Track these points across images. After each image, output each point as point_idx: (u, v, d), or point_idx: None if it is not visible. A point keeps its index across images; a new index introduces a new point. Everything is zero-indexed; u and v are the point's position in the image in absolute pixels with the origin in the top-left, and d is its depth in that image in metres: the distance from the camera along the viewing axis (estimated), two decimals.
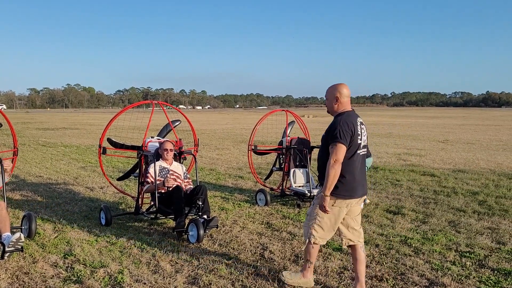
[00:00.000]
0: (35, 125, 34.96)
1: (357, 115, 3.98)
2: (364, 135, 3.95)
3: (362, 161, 3.94)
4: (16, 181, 9.62)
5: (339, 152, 3.69)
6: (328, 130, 3.84)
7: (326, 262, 4.84)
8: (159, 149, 6.30)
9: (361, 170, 3.92)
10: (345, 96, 3.90)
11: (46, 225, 6.10)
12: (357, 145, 3.82)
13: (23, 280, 4.20)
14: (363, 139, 3.91)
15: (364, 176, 3.99)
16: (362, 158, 3.93)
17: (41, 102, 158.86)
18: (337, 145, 3.70)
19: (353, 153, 3.81)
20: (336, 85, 3.96)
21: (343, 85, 3.94)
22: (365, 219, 6.62)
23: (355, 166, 3.84)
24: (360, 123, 3.90)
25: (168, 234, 5.75)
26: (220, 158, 14.22)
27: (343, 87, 3.92)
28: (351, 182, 3.83)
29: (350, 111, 3.91)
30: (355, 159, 3.83)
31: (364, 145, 3.94)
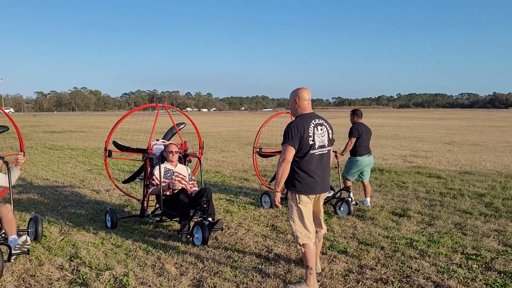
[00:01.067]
0: (42, 128, 35.20)
1: (315, 117, 4.20)
2: (321, 135, 4.16)
3: (320, 160, 4.17)
4: (23, 183, 9.69)
5: (287, 152, 4.00)
6: (284, 131, 4.10)
7: (331, 264, 4.82)
8: (164, 152, 6.32)
9: (319, 168, 4.16)
10: (304, 99, 4.17)
11: (53, 227, 6.14)
12: (309, 145, 4.06)
13: (29, 282, 4.22)
14: (318, 139, 4.13)
15: (324, 174, 4.23)
16: (319, 157, 4.15)
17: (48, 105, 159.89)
18: (286, 146, 4.00)
19: (306, 153, 4.06)
20: (296, 89, 4.23)
21: (303, 89, 4.22)
22: (371, 222, 6.60)
23: (311, 164, 4.10)
24: (316, 125, 4.13)
25: (173, 237, 5.76)
26: (225, 160, 14.24)
27: (303, 91, 4.19)
28: (308, 179, 4.11)
29: (306, 114, 4.17)
30: (309, 158, 4.08)
31: (320, 145, 4.15)
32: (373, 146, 18.73)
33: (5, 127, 6.06)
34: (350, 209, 7.01)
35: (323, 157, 4.21)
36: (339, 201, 7.16)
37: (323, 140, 4.18)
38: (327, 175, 4.29)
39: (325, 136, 4.21)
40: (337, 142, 20.97)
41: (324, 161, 4.22)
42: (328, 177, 4.32)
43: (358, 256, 5.08)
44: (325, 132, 4.22)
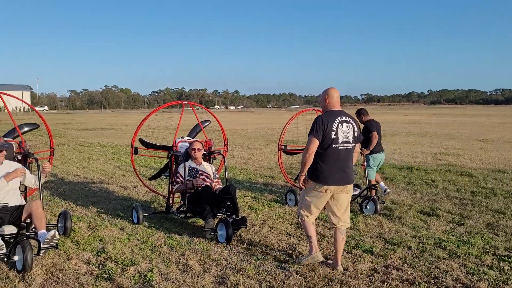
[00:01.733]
0: (75, 125, 36.16)
1: (342, 114, 4.49)
2: (346, 131, 4.46)
3: (343, 155, 4.47)
4: (55, 179, 9.98)
5: (311, 143, 4.37)
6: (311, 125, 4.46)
7: (356, 264, 4.74)
8: (189, 149, 6.37)
9: (341, 162, 4.47)
10: (333, 97, 4.53)
11: (81, 223, 6.28)
12: (331, 139, 4.37)
13: (57, 276, 4.33)
14: (341, 135, 4.43)
15: (345, 168, 4.52)
16: (343, 152, 4.46)
17: (80, 103, 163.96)
18: (310, 137, 4.38)
19: (328, 146, 4.38)
20: (327, 89, 4.60)
21: (332, 88, 4.60)
22: (398, 221, 6.46)
23: (332, 157, 4.42)
24: (341, 121, 4.44)
25: (197, 234, 5.80)
26: (251, 157, 14.26)
27: (332, 90, 4.57)
28: (326, 171, 4.43)
29: (334, 110, 4.50)
30: (331, 151, 4.41)
31: (344, 141, 4.46)
32: (402, 144, 18.46)
33: (35, 125, 6.23)
34: (377, 207, 6.88)
35: (347, 152, 4.50)
36: (365, 200, 7.04)
37: (347, 136, 4.46)
38: (348, 170, 4.54)
39: (350, 133, 4.48)
40: None
41: (347, 156, 4.51)
42: (349, 172, 4.55)
43: (384, 256, 4.98)
44: (351, 129, 4.49)
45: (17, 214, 4.86)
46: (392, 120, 42.24)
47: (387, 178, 10.14)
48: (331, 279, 4.34)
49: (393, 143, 19.13)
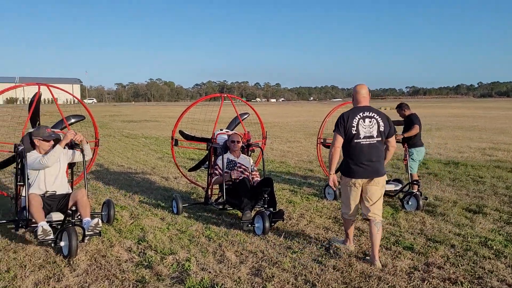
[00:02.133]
0: (121, 117, 37.34)
1: (366, 110, 4.67)
2: (369, 127, 4.63)
3: (367, 149, 4.62)
4: (100, 170, 10.36)
5: (335, 139, 4.64)
6: None
7: (395, 261, 4.63)
8: (227, 141, 6.42)
9: (366, 156, 4.62)
10: (359, 93, 4.73)
11: (124, 212, 6.49)
12: (352, 135, 4.58)
13: (100, 262, 4.51)
14: (363, 130, 4.61)
15: (371, 161, 4.64)
16: (366, 146, 4.62)
17: (126, 96, 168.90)
18: (334, 134, 4.65)
19: (350, 141, 4.61)
20: (355, 86, 4.82)
21: (360, 85, 4.81)
22: (441, 218, 6.25)
23: (356, 152, 4.62)
24: (363, 117, 4.62)
25: (235, 225, 5.85)
26: (291, 150, 14.21)
27: (359, 87, 4.78)
28: (352, 165, 4.65)
29: (358, 106, 4.70)
30: (354, 146, 4.61)
31: (367, 135, 4.62)
32: (448, 138, 17.79)
33: (81, 117, 6.48)
34: (419, 203, 6.68)
35: (371, 146, 4.64)
36: (407, 195, 6.85)
37: (370, 131, 4.63)
38: (375, 164, 4.66)
39: (374, 128, 4.64)
40: None
41: (371, 150, 4.64)
42: (377, 165, 4.67)
43: (425, 253, 4.84)
44: (374, 125, 4.65)
45: (64, 202, 5.09)
46: (439, 114, 40.79)
47: (431, 173, 9.82)
48: (368, 275, 4.27)
49: (439, 137, 18.48)
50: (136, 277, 4.19)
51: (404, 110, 7.68)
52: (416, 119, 7.46)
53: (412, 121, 7.46)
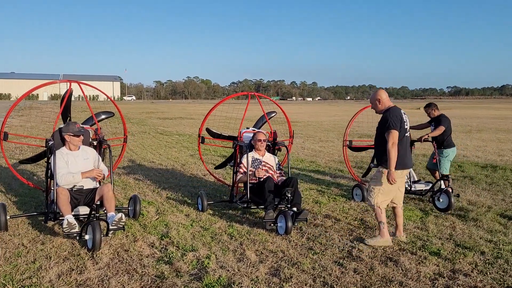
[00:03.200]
0: (157, 114, 38.06)
1: (399, 108, 5.24)
2: (408, 122, 5.29)
3: (407, 142, 5.27)
4: (132, 165, 10.60)
5: (394, 136, 4.99)
6: (382, 122, 5.13)
7: (420, 266, 4.49)
8: (252, 140, 6.41)
9: (408, 147, 5.30)
10: (384, 98, 5.24)
11: (151, 207, 6.61)
12: (404, 129, 5.13)
13: (122, 256, 4.61)
14: (406, 125, 5.20)
15: (409, 153, 5.36)
16: (407, 139, 5.27)
17: (164, 94, 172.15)
18: (391, 131, 4.99)
19: (403, 136, 5.11)
20: (380, 91, 5.30)
21: (381, 91, 5.30)
22: (473, 223, 6.00)
23: (405, 145, 5.19)
24: (403, 113, 5.23)
25: (258, 224, 5.84)
26: (322, 150, 14.05)
27: (381, 92, 5.28)
28: (403, 157, 5.13)
29: (392, 106, 5.20)
30: (405, 139, 5.18)
31: (407, 129, 5.22)
32: (489, 140, 17.08)
33: (110, 113, 6.64)
34: (451, 201, 6.47)
35: (409, 139, 5.35)
36: (437, 192, 6.69)
37: (408, 126, 5.27)
38: (410, 154, 5.45)
39: (408, 124, 5.30)
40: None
41: (409, 143, 5.35)
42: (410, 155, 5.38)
43: (452, 260, 4.66)
44: (407, 120, 5.30)
45: (90, 196, 5.23)
46: (480, 115, 39.31)
47: (467, 176, 9.46)
48: (390, 279, 4.16)
49: (479, 139, 17.78)
50: (155, 273, 4.25)
51: (434, 110, 7.77)
52: (444, 120, 7.56)
53: (440, 121, 7.57)
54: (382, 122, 5.13)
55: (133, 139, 16.75)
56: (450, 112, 45.83)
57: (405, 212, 6.49)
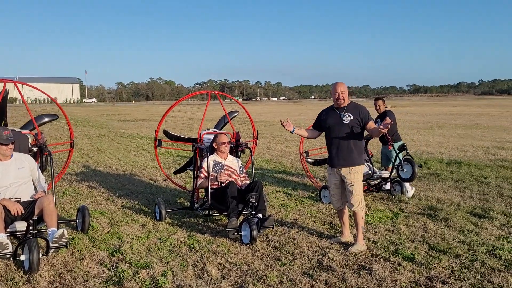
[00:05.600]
0: (118, 117, 36.82)
1: None
2: None
3: None
4: (86, 171, 9.90)
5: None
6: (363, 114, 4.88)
7: (394, 274, 4.17)
8: (214, 143, 5.96)
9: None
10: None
11: (103, 218, 6.04)
12: None
13: (64, 278, 4.04)
14: None
15: None
16: None
17: (127, 95, 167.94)
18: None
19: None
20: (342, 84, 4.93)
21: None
22: (444, 223, 5.78)
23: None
24: None
25: (221, 233, 5.39)
26: (288, 150, 13.75)
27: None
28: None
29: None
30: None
31: None
32: (450, 136, 17.30)
33: (55, 116, 6.01)
34: (415, 170, 6.55)
35: None
36: (400, 163, 6.84)
37: None
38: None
39: None
40: (409, 131, 19.59)
41: None
42: None
43: (427, 265, 4.37)
44: None
45: (30, 210, 4.62)
46: (440, 112, 40.30)
47: (433, 173, 9.35)
48: None
49: (440, 135, 18.01)
50: None
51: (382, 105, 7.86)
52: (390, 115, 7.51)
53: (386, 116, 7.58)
54: (361, 115, 4.82)
55: (90, 143, 15.92)
56: (411, 109, 46.84)
57: (375, 214, 6.23)
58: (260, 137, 17.32)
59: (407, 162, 6.79)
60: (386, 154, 7.74)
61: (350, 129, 4.84)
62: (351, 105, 4.92)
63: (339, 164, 4.91)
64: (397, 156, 7.15)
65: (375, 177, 7.06)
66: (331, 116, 5.00)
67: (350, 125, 4.83)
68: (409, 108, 49.17)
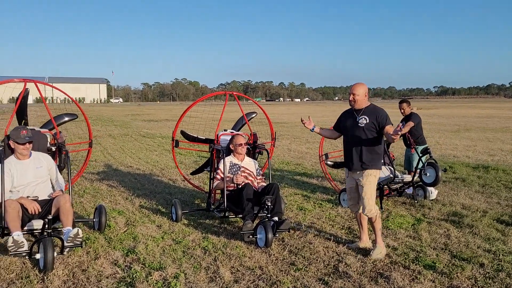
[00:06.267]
0: (142, 117, 37.29)
1: None
2: None
3: None
4: (107, 170, 10.00)
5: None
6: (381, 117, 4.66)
7: (414, 283, 4.01)
8: (230, 144, 5.89)
9: None
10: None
11: (120, 217, 6.05)
12: None
13: (78, 278, 4.04)
14: None
15: None
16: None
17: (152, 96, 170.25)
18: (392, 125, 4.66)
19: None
20: (362, 85, 4.81)
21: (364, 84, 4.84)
22: (469, 230, 5.56)
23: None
24: None
25: (237, 235, 5.32)
26: (309, 152, 13.59)
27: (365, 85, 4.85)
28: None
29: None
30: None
31: None
32: (478, 140, 16.77)
33: (73, 115, 6.06)
34: (438, 174, 6.35)
35: None
36: (423, 166, 6.63)
37: None
38: None
39: None
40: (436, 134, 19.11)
41: None
42: None
43: (449, 274, 4.20)
44: None
45: (46, 208, 4.66)
46: (468, 114, 39.26)
47: (458, 178, 9.05)
48: None
49: (468, 138, 17.50)
50: None
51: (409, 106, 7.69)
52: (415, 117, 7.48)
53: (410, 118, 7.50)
54: (378, 119, 4.63)
55: (113, 142, 16.13)
56: (437, 111, 45.81)
57: (396, 219, 6.05)
58: (281, 139, 17.20)
59: (430, 166, 6.59)
60: (409, 157, 7.54)
61: (365, 132, 4.69)
62: (369, 108, 4.77)
63: (353, 167, 4.79)
64: (420, 160, 6.94)
65: (397, 181, 6.87)
66: (348, 118, 4.89)
67: (365, 128, 4.69)
68: (436, 110, 48.12)
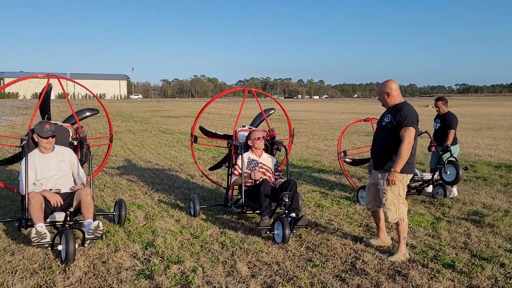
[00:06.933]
0: (162, 113, 37.63)
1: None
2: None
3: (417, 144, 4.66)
4: (127, 165, 10.15)
5: (412, 134, 4.36)
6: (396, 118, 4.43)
7: (432, 281, 3.97)
8: (248, 139, 5.92)
9: (415, 151, 4.62)
10: (394, 90, 4.58)
11: (139, 211, 6.15)
12: (417, 129, 4.53)
13: (98, 269, 4.13)
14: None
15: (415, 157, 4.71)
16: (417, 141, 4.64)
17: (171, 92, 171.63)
18: (410, 129, 4.35)
19: (416, 136, 4.48)
20: (391, 82, 4.61)
21: (391, 81, 4.62)
22: (489, 229, 5.47)
23: (415, 147, 4.54)
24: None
25: (254, 231, 5.35)
26: (327, 149, 13.53)
27: (391, 83, 4.60)
28: (412, 160, 4.56)
29: (405, 102, 4.57)
30: (417, 140, 4.58)
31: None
32: (500, 139, 16.44)
33: (95, 110, 6.17)
34: (459, 172, 6.29)
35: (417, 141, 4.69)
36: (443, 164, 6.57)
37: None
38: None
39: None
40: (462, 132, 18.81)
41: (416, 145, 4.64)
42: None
43: (468, 274, 4.14)
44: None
45: (68, 201, 4.77)
46: (490, 113, 38.47)
47: (480, 177, 8.90)
48: None
49: (490, 137, 17.16)
50: None
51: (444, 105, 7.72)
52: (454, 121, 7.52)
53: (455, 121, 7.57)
54: (397, 118, 4.40)
55: (133, 138, 16.34)
56: (459, 109, 44.99)
57: (415, 217, 5.99)
58: (299, 136, 17.16)
59: (450, 164, 6.51)
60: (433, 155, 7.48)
61: (386, 131, 4.54)
62: (396, 107, 4.53)
63: (375, 167, 4.73)
64: (440, 158, 6.85)
65: (416, 178, 6.79)
66: (381, 116, 4.82)
67: (386, 128, 4.53)
68: (458, 108, 47.22)
